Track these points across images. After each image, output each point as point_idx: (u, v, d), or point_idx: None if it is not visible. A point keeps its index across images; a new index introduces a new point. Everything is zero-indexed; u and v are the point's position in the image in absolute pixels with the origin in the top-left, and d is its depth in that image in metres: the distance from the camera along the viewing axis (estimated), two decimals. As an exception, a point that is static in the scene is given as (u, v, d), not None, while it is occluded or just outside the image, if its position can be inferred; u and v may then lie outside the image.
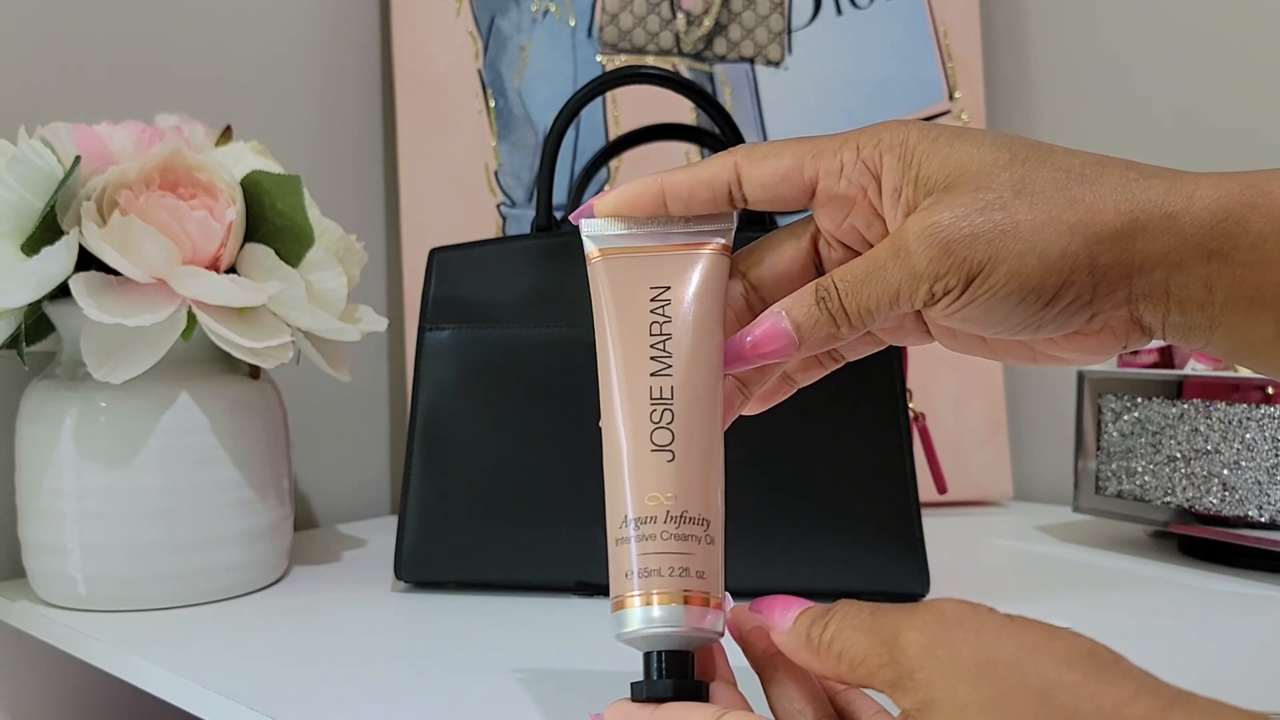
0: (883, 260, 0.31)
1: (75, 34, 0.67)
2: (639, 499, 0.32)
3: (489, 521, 0.55)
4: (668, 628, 0.31)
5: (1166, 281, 0.30)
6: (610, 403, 0.33)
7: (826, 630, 0.29)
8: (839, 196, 0.33)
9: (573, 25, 0.83)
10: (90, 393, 0.54)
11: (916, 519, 0.54)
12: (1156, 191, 0.30)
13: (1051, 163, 0.31)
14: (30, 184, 0.52)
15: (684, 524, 0.31)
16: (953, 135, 0.32)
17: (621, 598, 0.31)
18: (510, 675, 0.44)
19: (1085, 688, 0.24)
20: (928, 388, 0.81)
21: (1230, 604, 0.55)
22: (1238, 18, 0.76)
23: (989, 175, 0.30)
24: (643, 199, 0.34)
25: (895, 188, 0.32)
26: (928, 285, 0.31)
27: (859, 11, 0.84)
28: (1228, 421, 0.58)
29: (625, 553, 0.31)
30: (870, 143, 0.32)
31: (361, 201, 0.84)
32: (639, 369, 0.33)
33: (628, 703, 0.31)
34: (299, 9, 0.79)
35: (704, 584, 0.31)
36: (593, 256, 0.35)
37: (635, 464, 0.32)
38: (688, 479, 0.32)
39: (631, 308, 0.33)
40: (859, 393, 0.54)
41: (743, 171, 0.33)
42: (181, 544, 0.55)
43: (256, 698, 0.42)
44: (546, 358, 0.55)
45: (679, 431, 0.32)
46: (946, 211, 0.30)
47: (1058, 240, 0.30)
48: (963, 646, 0.25)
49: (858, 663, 0.28)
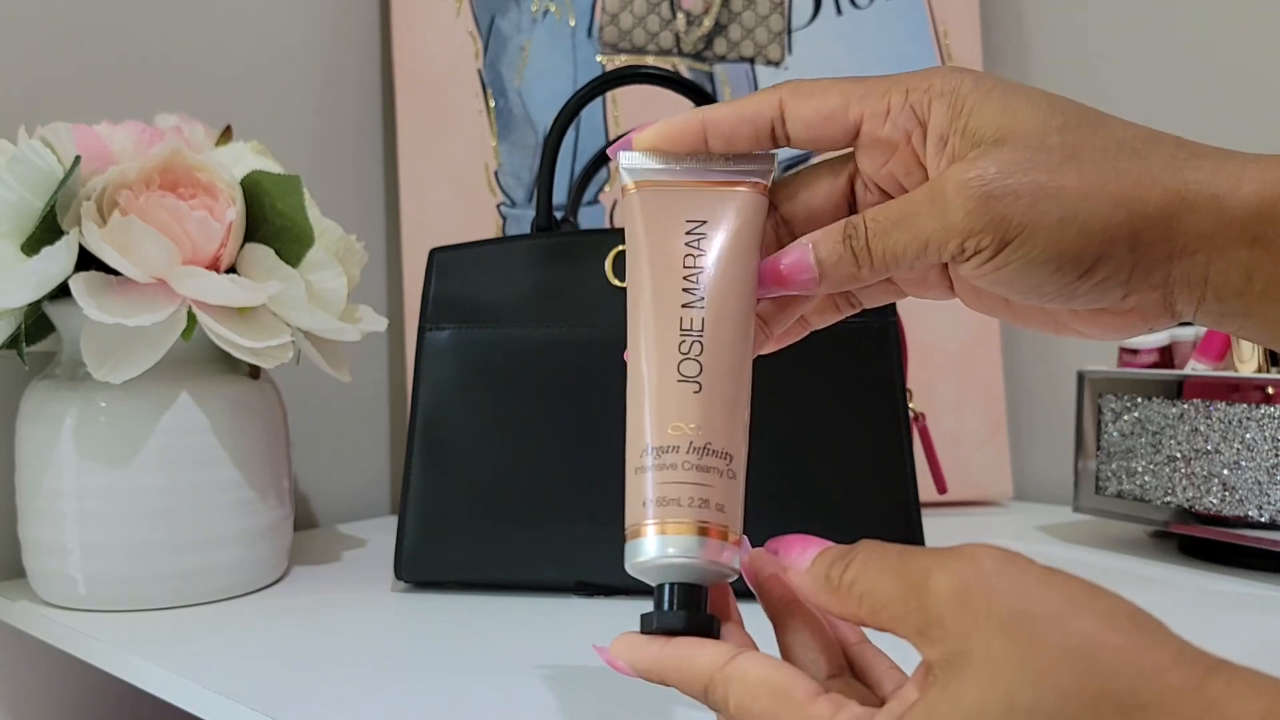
0: (918, 206, 0.30)
1: (75, 34, 0.67)
2: (661, 428, 0.31)
3: (489, 521, 0.55)
4: (683, 558, 0.29)
5: (1207, 266, 0.29)
6: (638, 333, 0.32)
7: (849, 570, 0.27)
8: (882, 140, 0.32)
9: (573, 25, 0.83)
10: (90, 393, 0.54)
11: (916, 519, 0.54)
12: (1205, 172, 0.29)
13: (1105, 131, 0.30)
14: (30, 184, 0.52)
15: (706, 455, 0.30)
16: (1007, 89, 0.30)
17: (637, 526, 0.30)
18: (510, 675, 0.44)
19: (1127, 650, 0.23)
20: (928, 388, 0.81)
21: (1230, 604, 0.55)
22: (1238, 19, 0.76)
23: (1040, 135, 0.29)
24: (684, 134, 0.33)
25: (941, 136, 0.31)
26: (959, 240, 0.30)
27: (859, 11, 0.84)
28: (1228, 421, 0.58)
29: (643, 481, 0.30)
30: (921, 87, 0.31)
31: (361, 201, 0.84)
32: (670, 300, 0.32)
33: (636, 635, 0.30)
34: (299, 9, 0.79)
35: (723, 517, 0.30)
36: (629, 188, 0.34)
37: (660, 393, 0.31)
38: (713, 411, 0.31)
39: (666, 239, 0.33)
40: (859, 393, 0.54)
41: (787, 108, 0.32)
42: (181, 544, 0.55)
43: (256, 698, 0.42)
44: (546, 358, 0.55)
45: (707, 364, 0.31)
46: (991, 165, 0.29)
47: (1101, 210, 0.29)
48: (999, 596, 0.24)
49: (881, 606, 0.26)
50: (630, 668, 0.30)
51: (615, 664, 0.30)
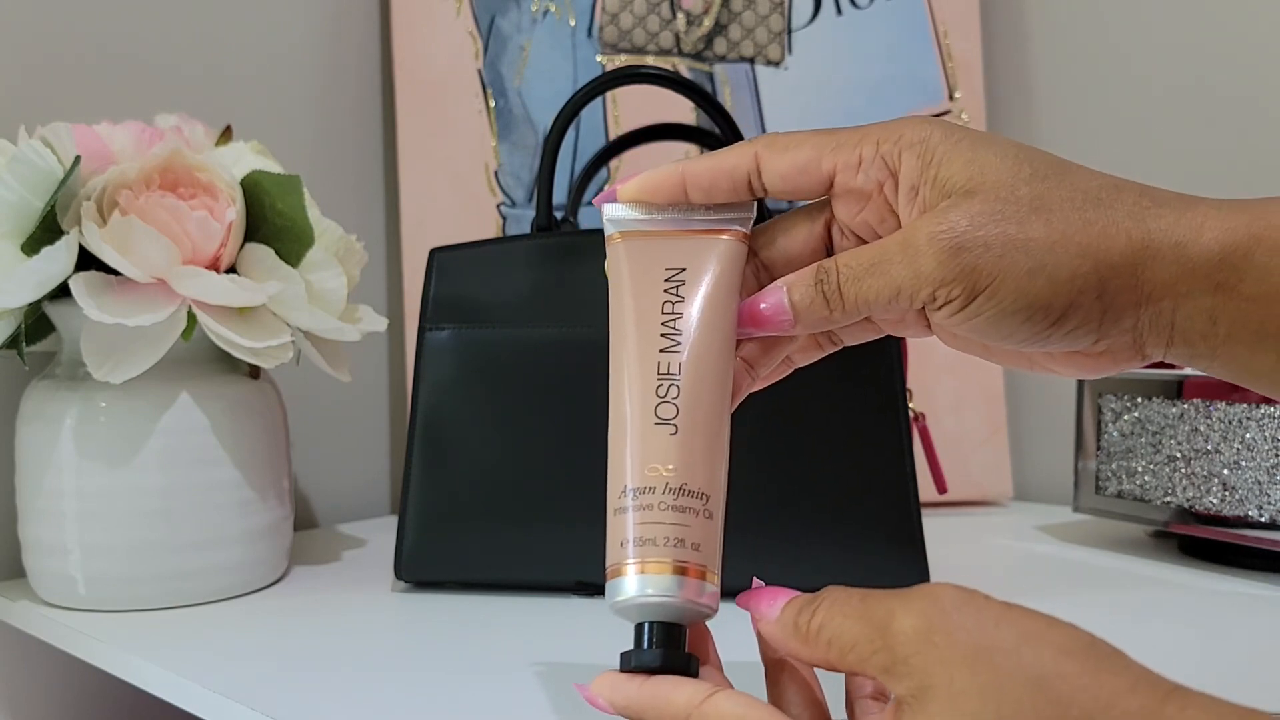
0: (890, 254, 0.31)
1: (75, 34, 0.67)
2: (639, 470, 0.31)
3: (489, 521, 0.55)
4: (662, 597, 0.30)
5: (1173, 312, 0.30)
6: (619, 376, 0.33)
7: (815, 617, 0.28)
8: (855, 190, 0.33)
9: (573, 25, 0.83)
10: (90, 393, 0.54)
11: (916, 519, 0.54)
12: (1167, 220, 0.30)
13: (1070, 182, 0.31)
14: (30, 184, 0.52)
15: (682, 496, 0.31)
16: (975, 140, 0.31)
17: (617, 565, 0.31)
18: (510, 675, 0.44)
19: (1083, 678, 0.23)
20: (928, 388, 0.81)
21: (1230, 604, 0.55)
22: (1239, 19, 0.76)
23: (1009, 187, 0.30)
24: (664, 186, 0.34)
25: (913, 186, 0.32)
26: (930, 288, 0.31)
27: (859, 11, 0.84)
28: (1228, 421, 0.58)
29: (623, 522, 0.31)
30: (890, 139, 0.32)
31: (361, 201, 0.84)
32: (649, 344, 0.33)
33: (616, 674, 0.31)
34: (299, 9, 0.79)
35: (700, 557, 0.31)
36: (613, 238, 0.35)
37: (638, 435, 0.32)
38: (689, 453, 0.32)
39: (646, 286, 0.34)
40: (859, 393, 0.54)
41: (763, 162, 0.34)
42: (181, 544, 0.55)
43: (256, 698, 0.42)
44: (546, 358, 0.55)
45: (683, 407, 0.32)
46: (962, 217, 0.30)
47: (1068, 261, 0.30)
48: (959, 632, 0.25)
49: (848, 649, 0.27)
50: (610, 705, 0.31)
51: (595, 702, 0.31)
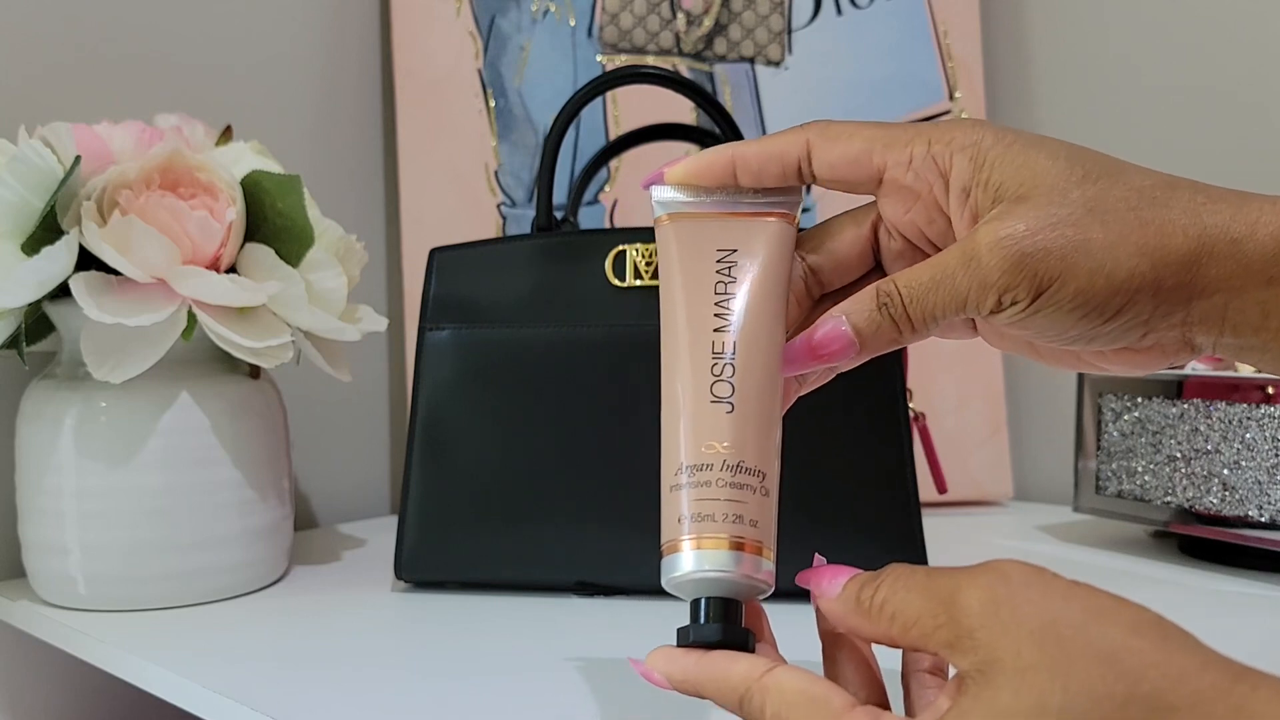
0: (952, 268, 0.31)
1: (75, 34, 0.67)
2: (695, 447, 0.31)
3: (489, 521, 0.55)
4: (719, 572, 0.30)
5: (1225, 306, 0.31)
6: (672, 355, 0.33)
7: (878, 592, 0.28)
8: (905, 188, 0.33)
9: (573, 25, 0.83)
10: (90, 393, 0.54)
11: (916, 519, 0.54)
12: (1223, 216, 0.30)
13: (1124, 182, 0.31)
14: (30, 184, 0.52)
15: (740, 473, 0.31)
16: (1027, 144, 0.32)
17: (673, 542, 0.31)
18: (510, 675, 0.44)
19: (1153, 654, 0.23)
20: (928, 388, 0.81)
21: (1230, 604, 0.55)
22: (1239, 19, 0.76)
23: (1062, 191, 0.31)
24: (713, 168, 0.35)
25: (964, 188, 0.32)
26: (996, 295, 0.31)
27: (859, 11, 0.84)
28: (1228, 421, 0.58)
29: (679, 499, 0.31)
30: (942, 140, 0.32)
31: (361, 201, 0.84)
32: (702, 324, 0.33)
33: (671, 648, 0.31)
34: (299, 9, 0.79)
35: (757, 533, 0.31)
36: (661, 220, 0.35)
37: (694, 414, 0.32)
38: (745, 430, 0.32)
39: (698, 267, 0.34)
40: (859, 393, 0.54)
41: (814, 150, 0.34)
42: (181, 544, 0.55)
43: (256, 698, 0.42)
44: (546, 358, 0.55)
45: (739, 385, 0.32)
46: (1020, 224, 0.30)
47: (1126, 261, 0.30)
48: (1027, 606, 0.25)
49: (911, 623, 0.27)
50: (666, 680, 0.31)
51: (651, 676, 0.31)
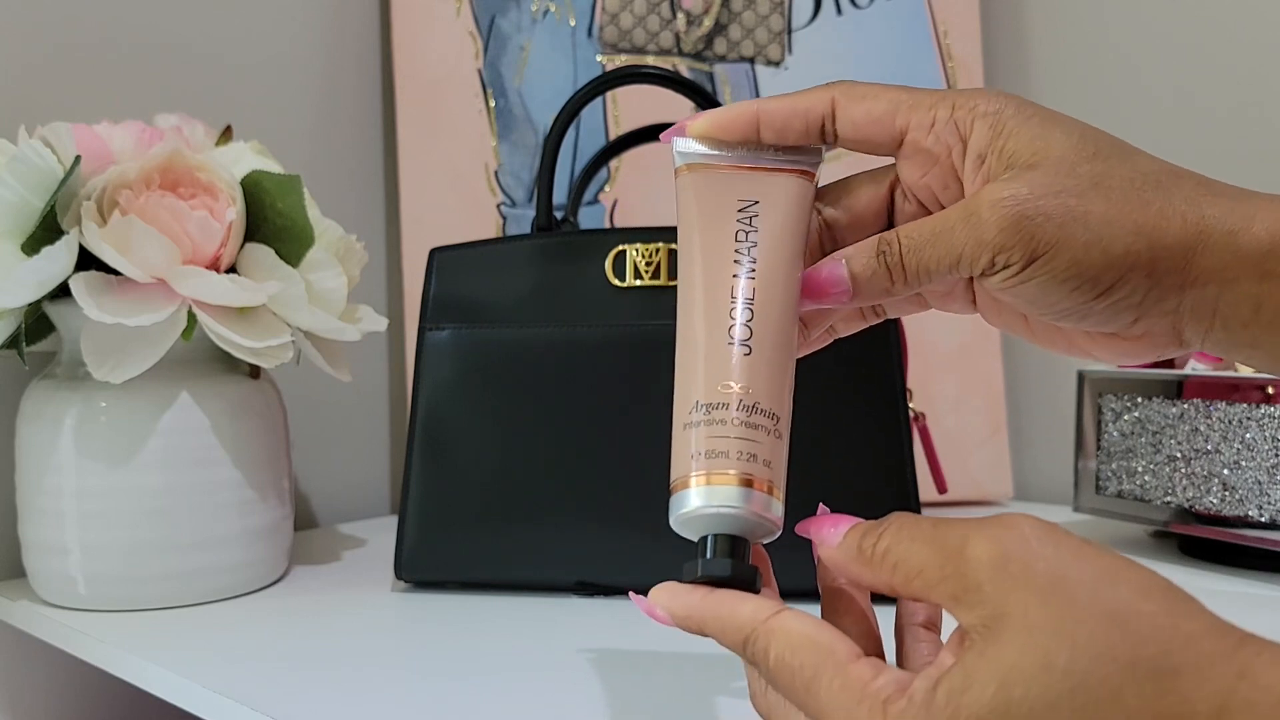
0: (952, 223, 0.32)
1: (75, 34, 0.67)
2: (711, 386, 0.31)
3: (489, 521, 0.55)
4: (729, 508, 0.30)
5: (1217, 298, 0.31)
6: (689, 298, 0.33)
7: (881, 540, 0.28)
8: (924, 151, 0.33)
9: (573, 25, 0.83)
10: (90, 393, 0.54)
11: (916, 519, 0.54)
12: (1222, 208, 0.31)
13: (1131, 164, 0.31)
14: (30, 184, 0.52)
15: (755, 414, 0.31)
16: (1046, 117, 0.32)
17: (683, 478, 0.31)
18: (510, 675, 0.44)
19: (1160, 618, 0.23)
20: (928, 388, 0.81)
21: (1230, 604, 0.54)
22: (1239, 19, 0.76)
23: (1071, 164, 0.31)
24: (737, 123, 0.35)
25: (980, 154, 0.32)
26: (990, 254, 0.31)
27: (859, 11, 0.84)
28: (1228, 421, 0.58)
29: (691, 436, 0.31)
30: (966, 105, 0.33)
31: (361, 201, 0.84)
32: (722, 269, 0.33)
33: (677, 584, 0.30)
34: (299, 8, 0.79)
35: (769, 473, 0.30)
36: (680, 170, 0.35)
37: (710, 353, 0.32)
38: (761, 373, 0.32)
39: (718, 214, 0.34)
40: (859, 393, 0.54)
41: (839, 107, 0.34)
42: (181, 544, 0.55)
43: (256, 698, 0.42)
44: (546, 358, 0.55)
45: (756, 330, 0.32)
46: (1024, 187, 0.31)
47: (1123, 237, 0.30)
48: (1039, 562, 0.25)
49: (915, 574, 0.26)
50: (669, 615, 0.30)
51: (654, 612, 0.30)
